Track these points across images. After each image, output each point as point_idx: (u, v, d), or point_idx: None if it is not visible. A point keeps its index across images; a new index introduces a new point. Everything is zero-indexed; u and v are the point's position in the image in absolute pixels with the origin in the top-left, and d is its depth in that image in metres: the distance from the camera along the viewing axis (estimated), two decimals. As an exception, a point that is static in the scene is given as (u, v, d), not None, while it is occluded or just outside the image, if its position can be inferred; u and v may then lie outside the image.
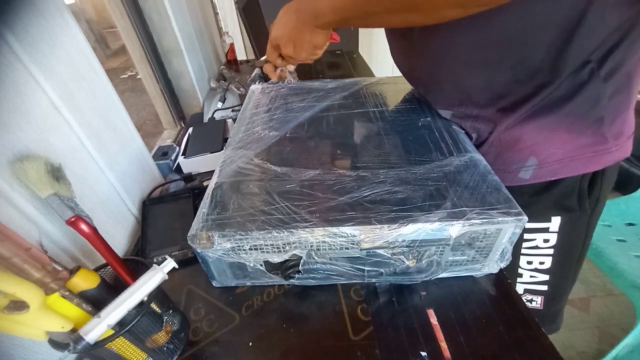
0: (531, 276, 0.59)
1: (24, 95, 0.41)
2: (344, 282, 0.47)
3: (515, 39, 0.40)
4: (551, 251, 0.55)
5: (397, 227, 0.38)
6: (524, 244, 0.56)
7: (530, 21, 0.38)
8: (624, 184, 1.48)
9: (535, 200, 0.51)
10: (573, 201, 0.50)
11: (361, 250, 0.41)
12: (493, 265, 0.45)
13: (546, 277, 0.58)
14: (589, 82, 0.41)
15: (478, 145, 0.54)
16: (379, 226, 0.38)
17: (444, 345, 0.39)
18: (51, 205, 0.36)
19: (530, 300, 0.60)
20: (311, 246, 0.41)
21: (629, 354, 0.90)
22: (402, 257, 0.41)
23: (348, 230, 0.39)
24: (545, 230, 0.53)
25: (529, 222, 0.51)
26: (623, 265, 0.91)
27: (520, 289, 0.60)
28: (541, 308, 0.61)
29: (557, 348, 0.38)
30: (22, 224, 0.38)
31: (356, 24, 0.47)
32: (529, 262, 0.57)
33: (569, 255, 0.56)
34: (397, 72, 0.75)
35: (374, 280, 0.46)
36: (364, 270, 0.44)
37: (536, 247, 0.55)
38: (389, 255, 0.41)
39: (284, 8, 0.51)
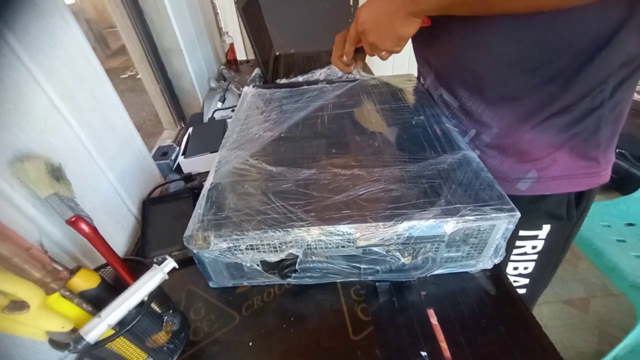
0: (514, 281, 0.60)
1: (24, 95, 0.41)
2: (340, 280, 0.47)
3: (549, 42, 0.41)
4: (535, 257, 0.57)
5: (392, 224, 0.39)
6: (514, 251, 0.57)
7: (570, 27, 0.39)
8: (624, 185, 1.48)
9: (531, 208, 0.52)
10: (562, 210, 0.52)
11: (357, 248, 0.41)
12: (487, 261, 0.45)
13: (526, 281, 0.60)
14: (597, 109, 0.43)
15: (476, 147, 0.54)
16: (374, 224, 0.39)
17: (444, 345, 0.39)
18: (51, 205, 0.36)
19: None
20: (307, 245, 0.41)
21: (628, 354, 0.90)
22: (397, 254, 0.42)
23: (344, 228, 0.39)
24: (535, 237, 0.55)
25: (522, 230, 0.53)
26: (623, 266, 0.91)
27: None
28: None
29: (557, 348, 0.38)
30: (22, 224, 0.38)
31: (461, 11, 0.41)
32: (515, 268, 0.59)
33: (549, 260, 0.59)
34: (397, 72, 0.75)
35: (370, 278, 0.46)
36: (360, 268, 0.44)
37: (524, 254, 0.57)
38: (385, 253, 0.41)
39: None
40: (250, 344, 0.42)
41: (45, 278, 0.31)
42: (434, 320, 0.42)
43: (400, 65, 2.19)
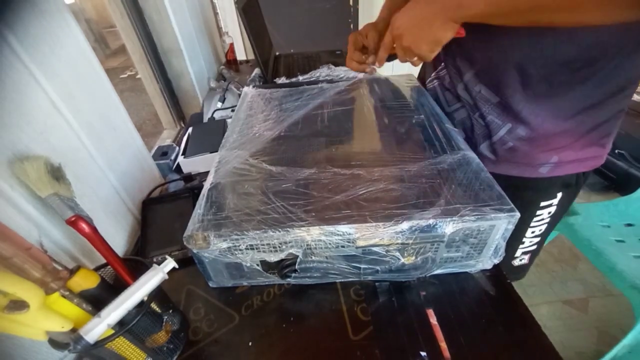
0: (530, 242, 0.68)
1: (24, 96, 0.41)
2: (340, 280, 0.47)
3: (603, 42, 0.43)
4: (549, 219, 0.64)
5: (392, 224, 0.39)
6: (535, 219, 0.63)
7: (619, 28, 0.41)
8: (623, 185, 1.48)
9: (550, 184, 0.58)
10: (573, 180, 0.59)
11: (357, 248, 0.41)
12: (487, 261, 0.45)
13: (538, 239, 0.68)
14: (619, 104, 0.49)
15: (491, 141, 0.56)
16: (374, 224, 0.39)
17: (443, 345, 0.39)
18: (51, 205, 0.36)
19: (520, 259, 0.71)
20: (307, 245, 0.41)
21: (627, 354, 0.90)
22: (397, 254, 0.42)
23: (344, 228, 0.39)
24: (551, 205, 0.62)
25: (542, 201, 0.62)
26: (622, 266, 0.91)
27: (518, 252, 0.69)
28: (527, 262, 0.73)
29: (556, 348, 0.38)
30: (22, 224, 0.38)
31: (504, 21, 0.42)
32: (533, 232, 0.65)
33: (557, 219, 0.66)
34: (397, 72, 0.75)
35: (369, 277, 0.47)
36: (359, 268, 0.44)
37: (542, 220, 0.64)
38: (385, 253, 0.42)
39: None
40: (250, 343, 0.42)
41: (45, 278, 0.31)
42: (433, 320, 0.42)
43: (400, 65, 2.19)
